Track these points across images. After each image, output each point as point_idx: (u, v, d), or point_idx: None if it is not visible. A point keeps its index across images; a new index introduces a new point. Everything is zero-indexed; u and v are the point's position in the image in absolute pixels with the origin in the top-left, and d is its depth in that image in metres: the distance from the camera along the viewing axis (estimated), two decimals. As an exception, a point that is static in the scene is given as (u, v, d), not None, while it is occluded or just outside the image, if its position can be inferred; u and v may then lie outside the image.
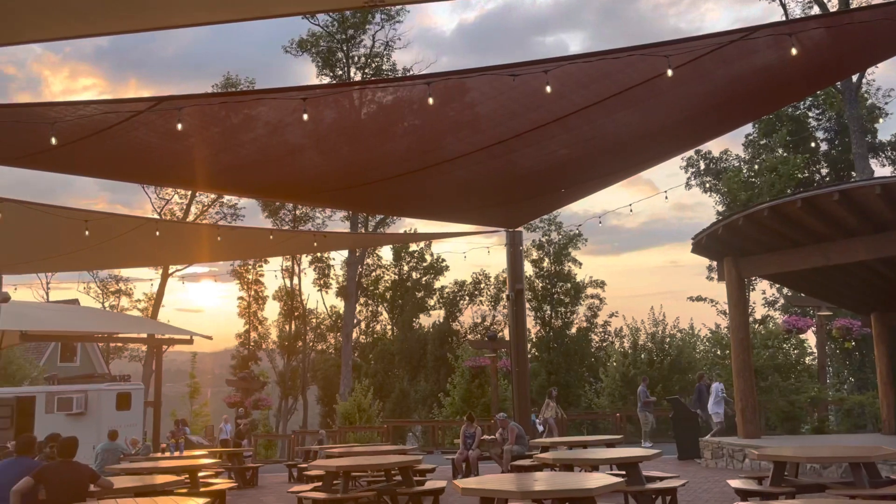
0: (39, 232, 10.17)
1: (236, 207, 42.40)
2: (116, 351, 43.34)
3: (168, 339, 22.85)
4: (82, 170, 8.17)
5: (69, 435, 7.81)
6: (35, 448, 8.50)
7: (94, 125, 6.42)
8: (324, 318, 49.80)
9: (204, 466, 10.93)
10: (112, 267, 31.23)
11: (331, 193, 11.57)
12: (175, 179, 12.66)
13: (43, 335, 20.32)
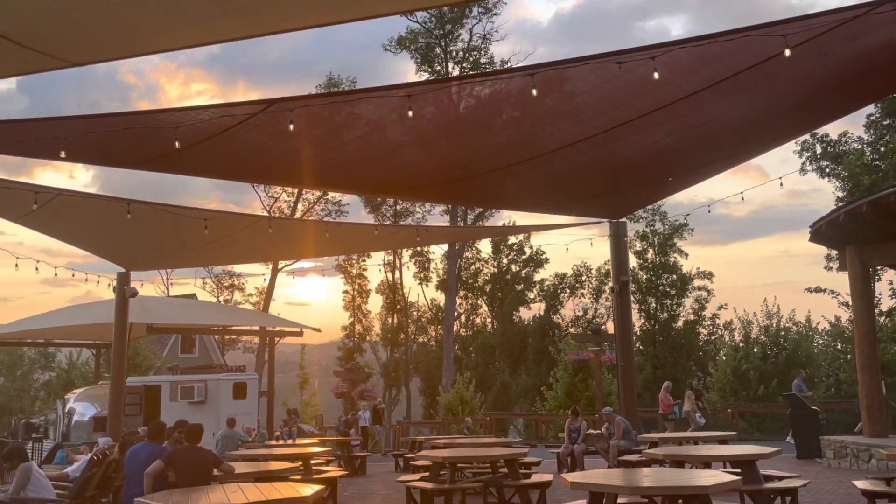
0: (164, 231, 10.83)
1: (340, 204, 43.60)
2: (231, 343, 45.48)
3: (279, 332, 23.83)
4: (201, 171, 8.63)
5: (192, 422, 8.30)
6: (165, 434, 9.08)
7: (212, 128, 6.76)
8: (425, 311, 50.52)
9: (316, 454, 11.33)
10: (227, 263, 32.86)
11: (431, 188, 11.71)
12: (284, 178, 13.18)
13: (166, 328, 21.65)
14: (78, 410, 18.83)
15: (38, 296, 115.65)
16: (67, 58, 5.21)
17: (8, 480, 11.41)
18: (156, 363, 31.64)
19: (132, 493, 8.14)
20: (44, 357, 33.98)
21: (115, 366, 14.88)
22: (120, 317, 14.69)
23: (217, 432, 13.94)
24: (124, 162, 7.46)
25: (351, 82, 39.41)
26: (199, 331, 31.53)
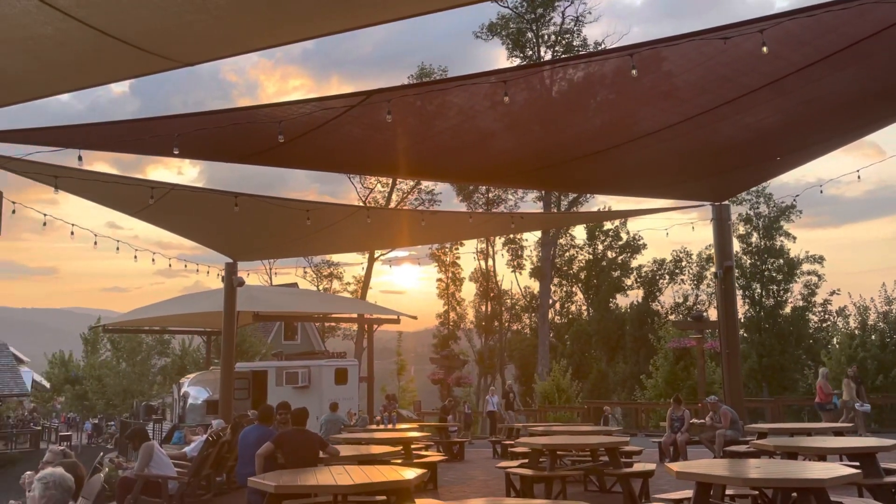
0: (268, 222, 11.25)
1: (433, 193, 44.01)
2: (330, 330, 46.85)
3: (376, 319, 24.34)
4: (302, 163, 8.89)
5: (297, 406, 8.62)
6: (273, 417, 9.47)
7: (313, 121, 6.95)
8: (518, 299, 50.38)
9: (416, 439, 11.54)
10: (326, 253, 33.83)
11: (524, 174, 11.62)
12: (379, 168, 13.40)
13: (271, 315, 22.53)
14: (192, 394, 19.91)
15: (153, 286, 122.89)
16: (180, 59, 5.47)
17: (132, 459, 12.21)
18: (261, 350, 33.02)
19: (244, 473, 8.54)
20: (160, 343, 36.09)
21: (225, 352, 15.61)
22: (228, 305, 15.38)
23: (320, 416, 14.42)
24: (232, 157, 7.79)
25: (442, 71, 39.62)
26: (302, 318, 32.63)
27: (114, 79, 5.74)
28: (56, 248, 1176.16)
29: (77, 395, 37.58)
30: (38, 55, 5.14)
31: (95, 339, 38.74)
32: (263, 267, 40.08)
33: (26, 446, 32.82)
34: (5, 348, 38.46)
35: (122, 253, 11.82)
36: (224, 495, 10.59)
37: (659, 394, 23.23)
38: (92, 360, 38.55)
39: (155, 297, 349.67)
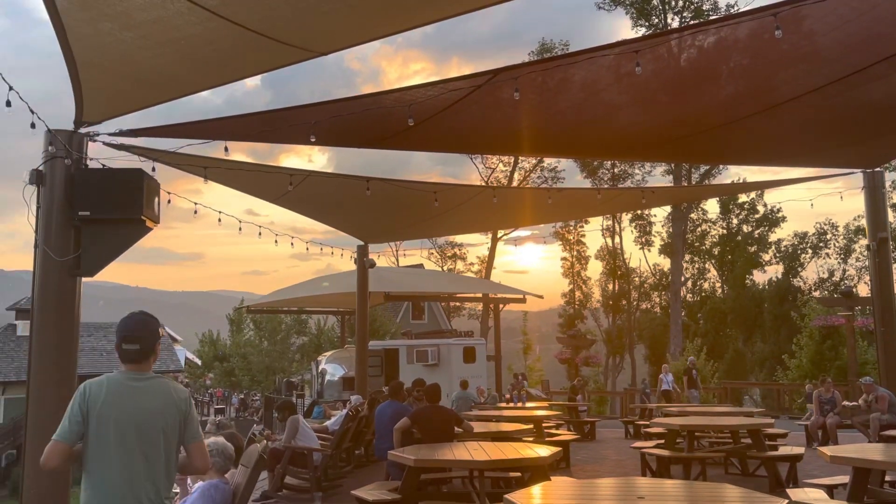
0: (397, 205, 11.52)
1: (556, 170, 43.46)
2: (455, 310, 47.56)
3: (502, 298, 24.44)
4: (431, 145, 9.03)
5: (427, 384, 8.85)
6: (403, 393, 9.77)
7: (441, 104, 7.02)
8: (647, 277, 48.99)
9: (547, 418, 11.54)
10: (451, 233, 34.27)
11: (652, 148, 11.22)
12: (503, 147, 13.38)
13: (401, 296, 23.18)
14: (329, 371, 20.88)
15: (288, 269, 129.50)
16: (316, 48, 5.69)
17: (276, 431, 12.96)
18: (390, 328, 34.07)
19: (381, 447, 8.87)
20: (298, 323, 38.00)
21: (359, 331, 16.21)
22: (361, 286, 15.94)
23: (451, 394, 14.73)
24: (364, 142, 8.02)
25: (563, 46, 38.88)
26: (430, 298, 33.33)
27: (256, 72, 6.05)
28: (201, 235, 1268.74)
29: (225, 372, 40.36)
30: (189, 54, 5.50)
31: (240, 320, 41.37)
32: (390, 249, 41.22)
33: (182, 419, 35.66)
34: (162, 329, 41.82)
35: (261, 238, 12.48)
36: (363, 467, 11.06)
37: (803, 374, 21.94)
38: (237, 338, 41.21)
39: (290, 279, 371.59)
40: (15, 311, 38.44)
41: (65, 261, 7.15)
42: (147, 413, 3.25)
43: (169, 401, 3.32)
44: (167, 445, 3.27)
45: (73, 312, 7.34)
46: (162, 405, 3.30)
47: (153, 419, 3.25)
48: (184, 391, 3.45)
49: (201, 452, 3.41)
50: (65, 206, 7.10)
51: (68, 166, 7.03)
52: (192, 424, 3.39)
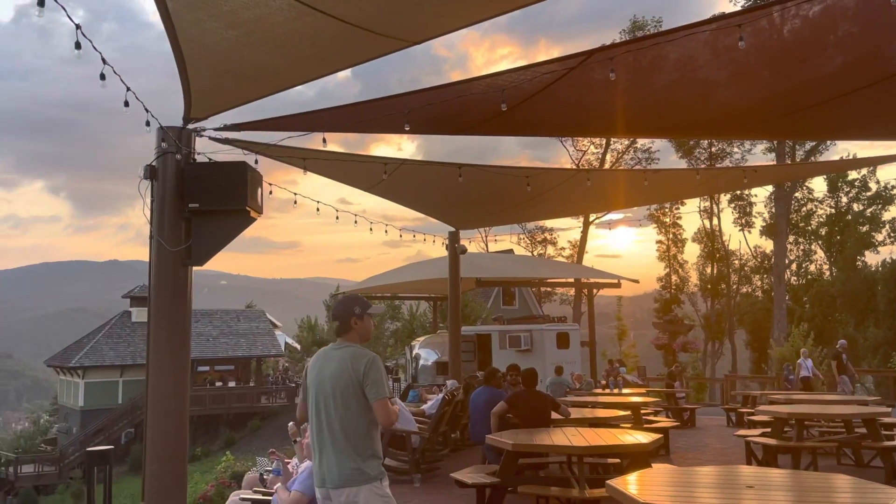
0: (489, 190, 11.53)
1: (650, 151, 42.33)
2: (546, 295, 47.23)
3: (595, 283, 24.07)
4: (523, 130, 8.97)
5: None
6: (498, 378, 9.82)
7: (534, 87, 6.97)
8: (748, 259, 47.10)
9: (645, 404, 11.34)
10: (541, 218, 34.03)
11: (753, 125, 10.74)
12: (595, 129, 13.13)
13: (492, 281, 23.18)
14: (423, 356, 21.20)
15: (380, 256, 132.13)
16: (409, 37, 5.75)
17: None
18: (481, 314, 34.21)
19: (477, 431, 8.96)
20: (391, 309, 38.74)
21: (452, 316, 16.35)
22: (453, 272, 16.06)
23: (544, 379, 14.68)
24: (457, 128, 8.05)
25: (657, 23, 37.72)
26: (521, 283, 33.24)
27: (351, 63, 6.17)
28: (297, 224, 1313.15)
29: (323, 356, 41.69)
30: (289, 49, 5.68)
31: (335, 306, 42.60)
32: (480, 235, 41.32)
33: (284, 401, 37.11)
34: (263, 315, 43.54)
35: (355, 227, 12.77)
36: (459, 451, 11.20)
37: (923, 361, 20.61)
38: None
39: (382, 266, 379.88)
40: (130, 299, 40.95)
41: (177, 251, 7.54)
42: (325, 377, 3.84)
43: (344, 366, 3.82)
44: (343, 404, 3.76)
45: (185, 299, 7.74)
46: (337, 370, 3.82)
47: (327, 382, 3.82)
48: (364, 356, 3.87)
49: (382, 410, 3.76)
50: (176, 198, 7.48)
51: (178, 161, 7.41)
52: (372, 386, 3.76)
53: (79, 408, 36.96)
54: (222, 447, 30.54)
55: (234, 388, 37.19)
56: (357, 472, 3.69)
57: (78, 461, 33.18)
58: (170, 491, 7.44)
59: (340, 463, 3.70)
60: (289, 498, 4.63)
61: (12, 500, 32.09)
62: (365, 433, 3.75)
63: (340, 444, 3.72)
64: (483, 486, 6.39)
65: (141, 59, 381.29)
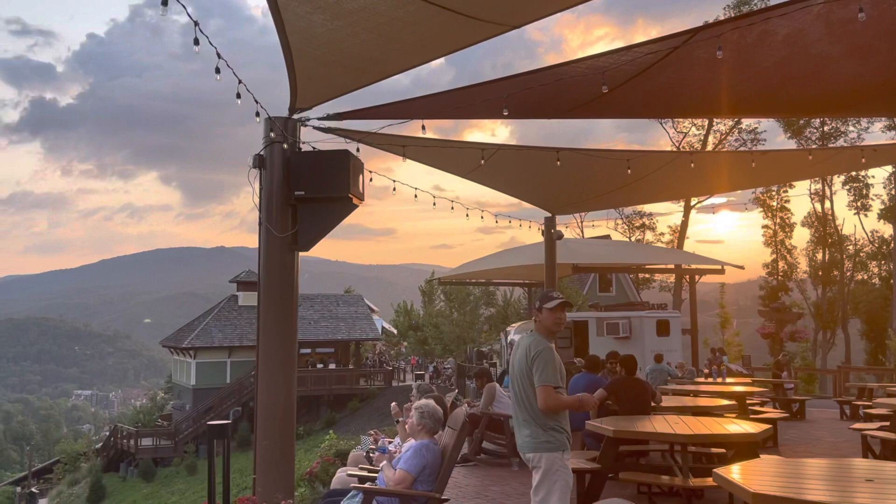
0: (587, 175, 11.37)
1: (756, 132, 40.47)
2: (644, 282, 46.10)
3: (696, 269, 23.32)
4: (622, 112, 8.80)
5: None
6: (600, 366, 9.72)
7: (636, 68, 6.81)
8: (863, 245, 44.33)
9: (750, 394, 10.95)
10: (640, 203, 33.20)
11: (870, 102, 10.08)
12: (697, 110, 12.67)
13: (589, 267, 22.87)
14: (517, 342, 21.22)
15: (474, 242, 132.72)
16: (508, 22, 5.74)
17: (472, 398, 13.40)
18: (577, 301, 33.81)
19: (575, 417, 8.91)
20: (486, 295, 38.90)
21: (548, 303, 16.26)
22: (549, 258, 15.95)
23: (644, 367, 14.40)
24: (556, 112, 7.99)
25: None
26: (619, 269, 32.65)
27: (451, 50, 6.22)
28: (392, 211, 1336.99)
29: (419, 340, 42.35)
30: (391, 38, 5.79)
31: (431, 291, 43.14)
32: (575, 220, 40.77)
33: (381, 383, 37.99)
34: (361, 300, 44.65)
35: (449, 213, 12.88)
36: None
37: None
38: (429, 309, 43.07)
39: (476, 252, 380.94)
40: (236, 284, 42.90)
41: (284, 237, 7.86)
42: (514, 360, 4.52)
43: (520, 352, 4.46)
44: (521, 386, 4.42)
45: (292, 284, 8.07)
46: (521, 355, 4.45)
47: (515, 365, 4.51)
48: (533, 343, 4.42)
49: (540, 394, 4.30)
50: (283, 186, 7.79)
51: (285, 150, 7.71)
52: (537, 372, 4.33)
53: (191, 386, 39.12)
54: (323, 427, 31.64)
55: (334, 370, 38.38)
56: (538, 441, 4.34)
57: (191, 436, 35.18)
58: (279, 466, 7.81)
59: (521, 431, 4.48)
60: (394, 476, 4.77)
61: (133, 470, 34.40)
62: (528, 410, 4.37)
63: (524, 416, 4.44)
64: (583, 471, 6.36)
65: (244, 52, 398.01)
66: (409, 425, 5.18)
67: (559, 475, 4.31)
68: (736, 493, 3.97)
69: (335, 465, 8.26)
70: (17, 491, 43.65)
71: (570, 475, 4.42)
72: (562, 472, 4.33)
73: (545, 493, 4.31)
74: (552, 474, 4.30)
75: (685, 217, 43.08)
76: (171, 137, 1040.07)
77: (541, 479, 4.33)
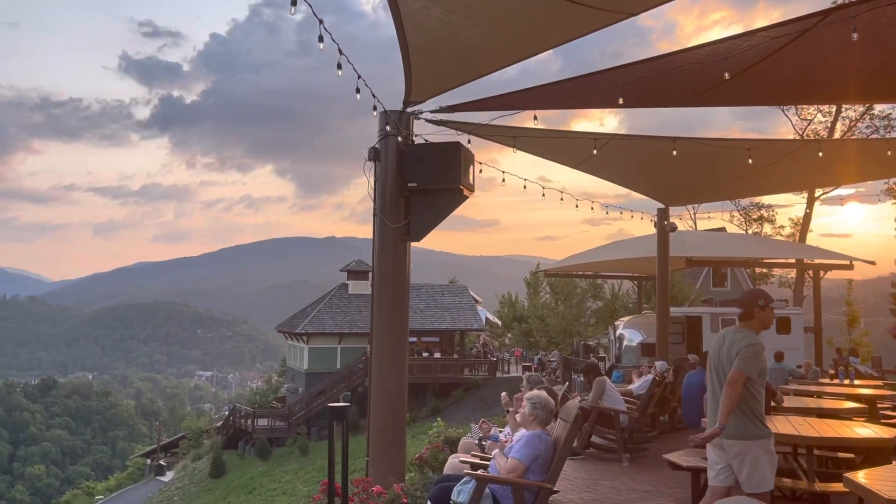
0: (704, 165, 10.98)
1: (890, 118, 37.67)
2: (762, 277, 43.96)
3: (821, 265, 22.03)
4: (744, 99, 8.43)
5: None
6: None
7: (761, 53, 6.52)
8: None
9: (881, 397, 10.26)
10: (760, 194, 31.67)
11: None
12: (823, 96, 11.97)
13: (704, 261, 22.07)
14: (627, 336, 20.77)
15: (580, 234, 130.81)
16: (625, 10, 5.63)
17: (579, 391, 13.25)
18: (689, 295, 32.67)
19: (690, 414, 8.67)
20: (593, 287, 38.25)
21: (660, 297, 15.85)
22: (661, 251, 15.53)
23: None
24: (674, 100, 7.77)
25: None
26: (735, 263, 31.30)
27: (566, 39, 6.17)
28: (496, 202, 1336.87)
29: (523, 332, 42.21)
30: (506, 29, 5.81)
31: (536, 283, 42.86)
32: (687, 212, 39.38)
33: (485, 374, 38.18)
34: (466, 290, 44.98)
35: (554, 204, 12.80)
36: (668, 434, 10.89)
37: None
38: (534, 301, 42.81)
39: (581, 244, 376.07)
40: (347, 273, 44.22)
41: (397, 227, 8.06)
42: (720, 352, 4.65)
43: (731, 345, 4.57)
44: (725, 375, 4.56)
45: (404, 273, 8.27)
46: (725, 349, 4.60)
47: (716, 355, 4.68)
48: (746, 336, 4.56)
49: (733, 376, 4.46)
50: (396, 178, 7.99)
51: (399, 143, 7.89)
52: (738, 360, 4.47)
53: (303, 370, 40.71)
54: (429, 415, 32.14)
55: (439, 359, 38.91)
56: (742, 428, 4.47)
57: (304, 418, 36.65)
58: (390, 450, 8.05)
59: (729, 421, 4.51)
60: (506, 464, 4.82)
61: (250, 448, 36.24)
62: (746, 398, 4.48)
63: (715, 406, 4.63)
64: (699, 469, 6.18)
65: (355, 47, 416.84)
66: (520, 415, 5.20)
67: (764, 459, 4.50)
68: (869, 500, 3.76)
69: (444, 452, 8.41)
70: (147, 463, 47.01)
71: (774, 457, 4.58)
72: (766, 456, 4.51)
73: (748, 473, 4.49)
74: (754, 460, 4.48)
75: (808, 209, 40.67)
76: (286, 132, 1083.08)
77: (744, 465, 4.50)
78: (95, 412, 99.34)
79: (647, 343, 19.37)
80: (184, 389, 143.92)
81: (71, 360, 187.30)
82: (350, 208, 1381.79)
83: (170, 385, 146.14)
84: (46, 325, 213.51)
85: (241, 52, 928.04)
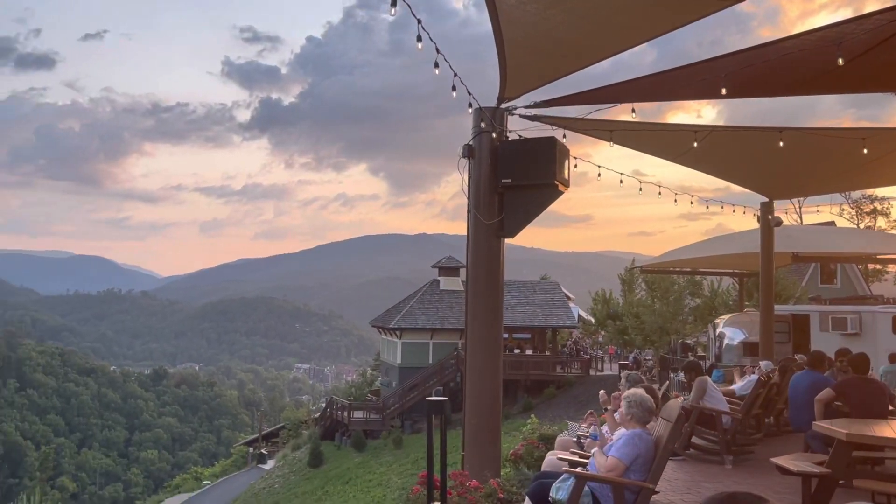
0: (813, 156, 10.46)
1: None
2: (875, 274, 41.45)
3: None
4: (859, 86, 7.96)
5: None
6: (825, 364, 8.93)
7: (879, 37, 6.15)
8: None
9: None
10: (874, 186, 29.85)
11: None
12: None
13: (812, 256, 21.02)
14: (728, 335, 20.02)
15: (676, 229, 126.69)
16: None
17: (677, 390, 12.90)
18: (794, 293, 31.15)
19: (798, 417, 8.28)
20: (691, 284, 37.07)
21: (764, 294, 15.21)
22: (765, 246, 14.90)
23: (877, 367, 13.00)
24: (780, 89, 7.43)
25: None
26: (846, 259, 29.64)
27: (666, 30, 6.00)
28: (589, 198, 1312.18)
29: (618, 330, 41.39)
30: (604, 23, 5.72)
31: (631, 280, 41.90)
32: (792, 206, 37.51)
33: (578, 371, 37.69)
34: (558, 287, 44.52)
35: (649, 199, 12.59)
36: (773, 437, 10.44)
37: None
38: (629, 298, 41.88)
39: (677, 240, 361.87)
40: (438, 269, 44.64)
41: (491, 224, 8.09)
42: None
43: None
44: None
45: (498, 269, 8.29)
46: None
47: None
48: None
49: None
50: (490, 175, 8.01)
51: (493, 139, 7.91)
52: None
53: (397, 364, 41.39)
54: (521, 412, 32.02)
55: (531, 356, 38.69)
56: None
57: (397, 411, 37.30)
58: (486, 445, 8.10)
59: None
60: (606, 463, 4.76)
61: (346, 440, 37.20)
62: None
63: None
64: (810, 475, 5.91)
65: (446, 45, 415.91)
66: (618, 414, 5.13)
67: None
68: None
69: (539, 449, 8.38)
70: (249, 451, 49.09)
71: None
72: None
73: None
74: None
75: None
76: (379, 131, 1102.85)
77: None
78: (202, 401, 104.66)
79: (748, 342, 18.61)
80: (283, 381, 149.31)
81: (179, 351, 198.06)
82: (441, 205, 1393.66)
83: (270, 377, 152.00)
84: (157, 318, 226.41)
85: (335, 54, 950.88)
